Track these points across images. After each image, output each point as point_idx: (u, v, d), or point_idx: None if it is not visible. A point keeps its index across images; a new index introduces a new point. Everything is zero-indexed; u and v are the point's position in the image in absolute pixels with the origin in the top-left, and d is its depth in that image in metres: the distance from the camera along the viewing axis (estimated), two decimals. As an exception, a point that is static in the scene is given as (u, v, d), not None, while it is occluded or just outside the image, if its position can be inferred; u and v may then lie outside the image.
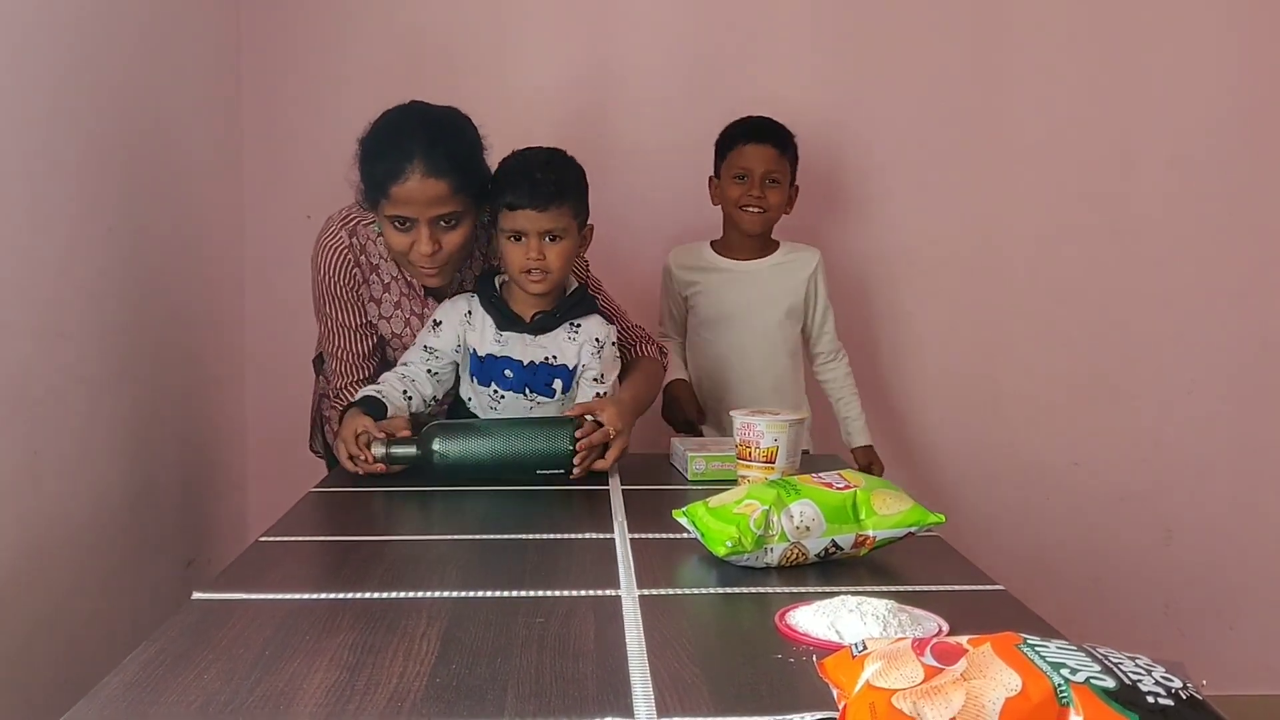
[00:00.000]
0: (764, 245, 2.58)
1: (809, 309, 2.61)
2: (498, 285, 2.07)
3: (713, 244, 2.61)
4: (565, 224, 1.99)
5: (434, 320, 2.07)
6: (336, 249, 2.10)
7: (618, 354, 2.11)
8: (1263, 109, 2.88)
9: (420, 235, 1.97)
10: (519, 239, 1.97)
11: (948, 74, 2.87)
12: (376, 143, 1.99)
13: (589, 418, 1.92)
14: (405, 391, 2.03)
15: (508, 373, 2.03)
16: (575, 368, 2.04)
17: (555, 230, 1.98)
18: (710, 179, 2.59)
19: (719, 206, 2.58)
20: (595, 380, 2.05)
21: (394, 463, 1.89)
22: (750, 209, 2.49)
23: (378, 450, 1.87)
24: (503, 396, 2.05)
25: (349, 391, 2.11)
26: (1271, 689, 2.97)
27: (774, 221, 2.55)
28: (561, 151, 2.06)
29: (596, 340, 2.04)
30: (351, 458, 1.90)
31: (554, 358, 2.04)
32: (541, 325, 2.04)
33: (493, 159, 2.05)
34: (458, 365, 2.09)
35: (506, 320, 2.03)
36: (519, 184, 1.96)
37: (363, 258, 2.11)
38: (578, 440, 1.89)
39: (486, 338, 2.04)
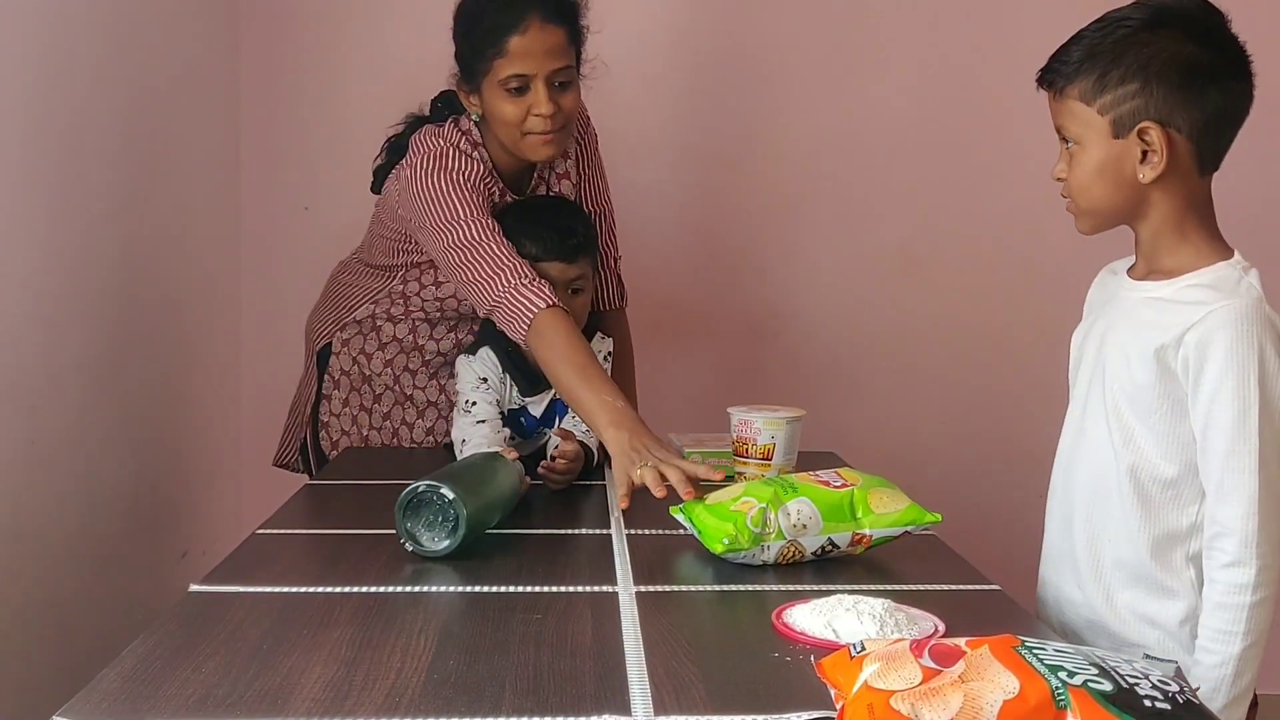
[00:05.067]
0: (1170, 257, 1.39)
1: (1190, 398, 1.33)
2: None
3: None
4: (588, 274, 1.95)
5: (468, 401, 1.89)
6: (461, 150, 1.91)
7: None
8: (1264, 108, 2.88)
9: (539, 94, 1.83)
10: None
11: (947, 69, 2.87)
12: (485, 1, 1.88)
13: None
14: None
15: (522, 420, 1.98)
16: None
17: (580, 282, 1.92)
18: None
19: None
20: None
21: None
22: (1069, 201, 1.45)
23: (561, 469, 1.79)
24: (511, 437, 1.96)
25: (529, 290, 1.75)
26: (1264, 689, 2.98)
27: (1110, 210, 1.42)
28: (570, 200, 2.04)
29: (605, 358, 1.99)
30: None
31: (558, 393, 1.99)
32: None
33: None
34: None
35: (530, 384, 1.94)
36: (548, 236, 1.87)
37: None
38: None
39: (508, 397, 1.96)
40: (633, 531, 1.55)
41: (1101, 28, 1.39)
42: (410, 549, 1.42)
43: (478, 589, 1.29)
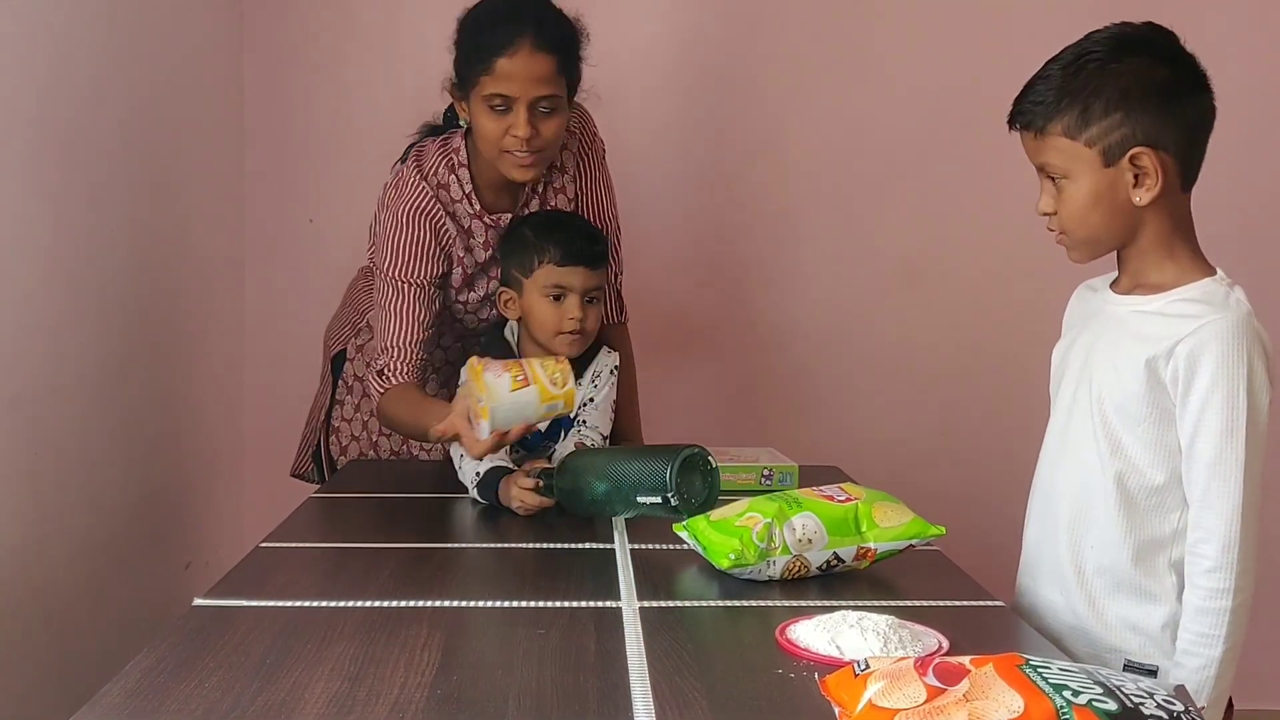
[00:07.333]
0: (1157, 273, 1.42)
1: (1178, 408, 1.36)
2: (515, 348, 1.97)
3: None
4: (604, 285, 1.96)
5: None
6: (420, 208, 1.95)
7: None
8: (1267, 115, 2.88)
9: (518, 117, 1.84)
10: (560, 298, 1.88)
11: (949, 83, 2.87)
12: (487, 13, 1.88)
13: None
14: None
15: (527, 435, 1.98)
16: (576, 412, 1.96)
17: (596, 292, 1.93)
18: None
19: None
20: (588, 402, 1.98)
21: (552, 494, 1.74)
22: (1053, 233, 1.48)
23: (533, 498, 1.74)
24: (515, 450, 1.94)
25: (398, 372, 1.91)
26: (1259, 703, 2.97)
27: (1108, 237, 1.43)
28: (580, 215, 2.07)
29: (612, 371, 1.99)
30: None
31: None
32: None
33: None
34: None
35: None
36: (572, 240, 1.89)
37: (446, 208, 1.98)
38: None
39: None
40: (637, 546, 1.55)
41: (1069, 63, 1.41)
42: (674, 503, 1.52)
43: (482, 604, 1.29)
